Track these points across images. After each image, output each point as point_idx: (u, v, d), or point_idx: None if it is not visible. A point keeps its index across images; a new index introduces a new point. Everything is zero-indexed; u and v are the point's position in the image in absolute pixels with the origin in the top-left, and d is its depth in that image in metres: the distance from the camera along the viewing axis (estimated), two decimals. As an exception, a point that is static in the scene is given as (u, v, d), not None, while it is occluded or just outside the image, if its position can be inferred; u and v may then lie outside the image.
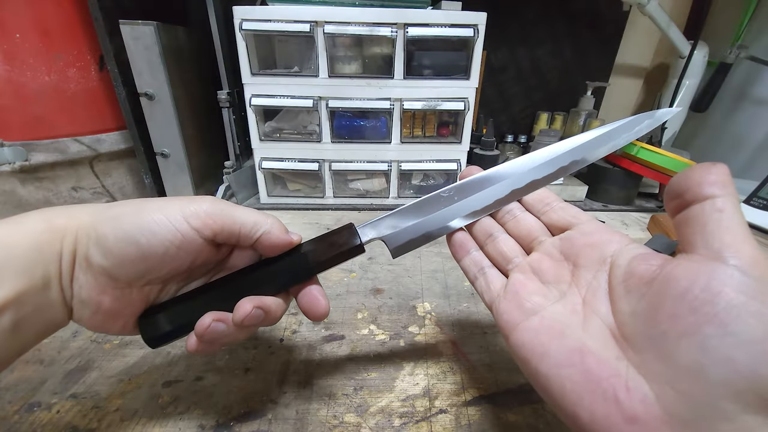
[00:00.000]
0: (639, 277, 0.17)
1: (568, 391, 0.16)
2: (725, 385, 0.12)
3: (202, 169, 0.65)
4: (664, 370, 0.14)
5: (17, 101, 0.49)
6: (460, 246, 0.26)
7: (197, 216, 0.20)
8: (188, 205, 0.20)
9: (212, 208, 0.21)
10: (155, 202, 0.21)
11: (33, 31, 0.48)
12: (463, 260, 0.26)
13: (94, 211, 0.20)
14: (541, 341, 0.18)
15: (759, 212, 0.59)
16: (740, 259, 0.13)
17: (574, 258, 0.21)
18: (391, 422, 0.26)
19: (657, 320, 0.15)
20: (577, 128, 0.79)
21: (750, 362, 0.12)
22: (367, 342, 0.33)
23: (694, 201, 0.15)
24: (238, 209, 0.22)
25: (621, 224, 0.61)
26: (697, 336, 0.13)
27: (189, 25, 0.62)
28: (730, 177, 0.15)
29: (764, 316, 0.12)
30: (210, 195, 0.31)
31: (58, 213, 0.20)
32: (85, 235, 0.19)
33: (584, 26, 0.79)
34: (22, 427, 0.25)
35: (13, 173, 0.50)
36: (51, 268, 0.18)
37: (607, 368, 0.15)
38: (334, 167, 0.62)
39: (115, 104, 0.55)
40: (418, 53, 0.58)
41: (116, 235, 0.19)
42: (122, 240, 0.19)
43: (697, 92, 0.76)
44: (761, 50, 0.71)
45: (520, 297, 0.21)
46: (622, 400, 0.14)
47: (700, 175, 0.15)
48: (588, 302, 0.19)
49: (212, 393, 0.28)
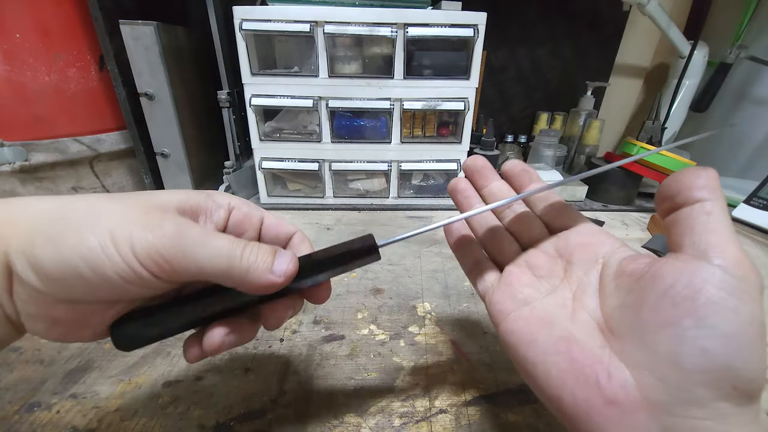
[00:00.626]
0: (628, 274, 0.18)
1: (553, 376, 0.17)
2: (700, 373, 0.13)
3: (202, 169, 0.65)
4: (644, 358, 0.15)
5: (17, 101, 0.49)
6: (457, 238, 0.26)
7: (149, 256, 0.15)
8: (143, 234, 0.16)
9: (170, 247, 0.16)
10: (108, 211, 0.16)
11: (33, 31, 0.48)
12: (459, 251, 0.26)
13: (32, 221, 0.16)
14: (530, 330, 0.19)
15: (759, 212, 0.59)
16: (724, 258, 0.14)
17: (568, 256, 0.22)
18: (391, 422, 0.26)
19: (641, 312, 0.16)
20: (577, 128, 0.79)
21: (724, 353, 0.13)
22: (367, 342, 0.33)
23: (684, 204, 0.16)
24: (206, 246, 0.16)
25: (621, 224, 0.61)
26: (676, 327, 0.14)
27: (189, 25, 0.62)
28: (719, 182, 0.16)
29: (741, 312, 0.13)
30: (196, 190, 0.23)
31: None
32: (20, 251, 0.15)
33: (584, 26, 0.79)
34: (22, 427, 0.25)
35: (13, 173, 0.50)
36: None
37: (590, 356, 0.16)
38: (334, 167, 0.62)
39: (115, 104, 0.55)
40: (418, 53, 0.58)
41: (53, 260, 0.15)
42: (60, 267, 0.15)
43: (697, 92, 0.76)
44: (761, 50, 0.71)
45: (513, 288, 0.22)
46: (603, 385, 0.15)
47: (690, 179, 0.16)
48: (578, 297, 0.20)
49: (212, 393, 0.28)
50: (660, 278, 0.15)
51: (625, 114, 0.94)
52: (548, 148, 0.71)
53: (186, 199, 0.19)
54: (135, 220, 0.16)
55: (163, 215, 0.17)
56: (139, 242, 0.15)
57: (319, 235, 0.54)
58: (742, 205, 0.61)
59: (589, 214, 0.64)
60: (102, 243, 0.15)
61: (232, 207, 0.21)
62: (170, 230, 0.16)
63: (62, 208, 0.16)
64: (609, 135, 0.93)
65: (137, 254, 0.15)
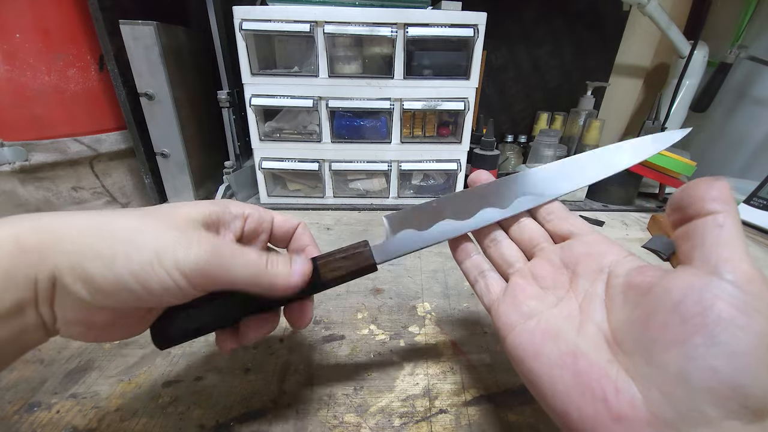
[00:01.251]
0: (636, 287, 0.17)
1: (560, 390, 0.17)
2: (708, 392, 0.13)
3: (202, 169, 0.65)
4: (652, 374, 0.14)
5: (17, 101, 0.49)
6: (461, 249, 0.26)
7: (191, 272, 0.18)
8: (186, 253, 0.18)
9: (210, 264, 0.18)
10: (149, 230, 0.18)
11: (33, 31, 0.48)
12: (463, 263, 0.26)
13: (78, 238, 0.17)
14: (536, 343, 0.19)
15: (759, 212, 0.59)
16: (735, 274, 0.14)
17: (573, 266, 0.21)
18: (391, 422, 0.26)
19: (649, 328, 0.15)
20: (577, 128, 0.79)
21: (733, 372, 0.13)
22: (367, 342, 0.33)
23: (696, 216, 0.16)
24: (239, 261, 0.19)
25: (621, 224, 0.61)
26: (685, 345, 0.14)
27: (189, 25, 0.62)
28: (732, 193, 0.16)
29: (752, 330, 0.13)
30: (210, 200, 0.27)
31: (28, 230, 0.17)
32: (68, 267, 0.16)
33: (584, 26, 0.79)
34: (22, 427, 0.25)
35: (13, 173, 0.50)
36: (24, 295, 0.16)
37: (597, 370, 0.16)
38: (334, 167, 0.62)
39: (115, 104, 0.55)
40: (418, 53, 0.58)
41: (106, 278, 0.17)
42: (111, 282, 0.17)
43: (697, 92, 0.76)
44: (761, 50, 0.71)
45: (519, 301, 0.21)
46: (610, 400, 0.15)
47: (703, 191, 0.16)
48: (584, 309, 0.19)
49: (212, 393, 0.28)
50: (669, 292, 0.15)
51: (625, 114, 0.94)
52: (548, 148, 0.71)
53: (209, 213, 0.21)
54: (176, 239, 0.18)
55: (198, 234, 0.19)
56: (183, 261, 0.17)
57: (319, 234, 0.54)
58: (742, 205, 0.61)
59: (589, 214, 0.64)
60: (150, 261, 0.17)
61: (246, 215, 0.23)
62: (208, 249, 0.18)
63: (106, 225, 0.18)
64: (609, 135, 0.93)
65: (182, 271, 0.17)
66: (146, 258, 0.17)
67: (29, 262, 0.16)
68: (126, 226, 0.18)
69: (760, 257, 0.51)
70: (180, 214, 0.20)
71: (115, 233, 0.17)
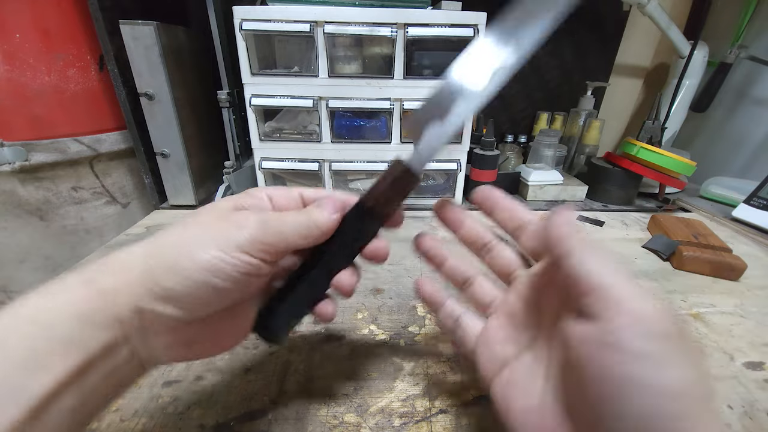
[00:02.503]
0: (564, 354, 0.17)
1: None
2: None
3: (202, 169, 0.65)
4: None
5: (17, 101, 0.49)
6: (432, 299, 0.26)
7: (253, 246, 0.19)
8: (240, 233, 0.19)
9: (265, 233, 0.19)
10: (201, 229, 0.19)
11: (33, 31, 0.48)
12: (438, 312, 0.25)
13: (142, 263, 0.18)
14: (507, 397, 0.20)
15: (759, 212, 0.59)
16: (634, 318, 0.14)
17: (538, 299, 0.21)
18: (391, 422, 0.26)
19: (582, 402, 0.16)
20: (577, 128, 0.79)
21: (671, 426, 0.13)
22: (367, 342, 0.33)
23: (559, 259, 0.17)
24: (286, 222, 0.20)
25: (621, 224, 0.61)
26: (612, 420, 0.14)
27: (189, 25, 0.62)
28: (575, 223, 0.17)
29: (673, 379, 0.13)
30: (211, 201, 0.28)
31: (100, 273, 0.18)
32: (143, 292, 0.17)
33: (584, 26, 0.79)
34: (22, 427, 0.25)
35: (13, 173, 0.50)
36: (111, 335, 0.17)
37: None
38: (334, 167, 0.62)
39: (115, 104, 0.55)
40: (418, 53, 0.58)
41: (181, 283, 0.17)
42: (189, 286, 0.17)
43: (697, 92, 0.76)
44: (761, 50, 0.71)
45: (492, 348, 0.22)
46: None
47: (555, 231, 0.17)
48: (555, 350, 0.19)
49: (212, 393, 0.28)
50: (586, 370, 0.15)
51: (625, 114, 0.94)
52: (548, 148, 0.71)
53: (239, 203, 0.22)
54: (225, 227, 0.19)
55: (240, 215, 0.20)
56: (240, 240, 0.19)
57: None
58: (742, 205, 0.61)
59: (589, 214, 0.64)
60: (213, 253, 0.18)
61: (270, 196, 0.24)
62: (254, 223, 0.19)
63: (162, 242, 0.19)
64: (609, 135, 0.93)
65: (242, 249, 0.18)
66: (210, 252, 0.18)
67: (107, 303, 0.17)
68: (180, 235, 0.19)
69: (760, 257, 0.51)
70: (216, 209, 0.21)
71: (174, 244, 0.19)
